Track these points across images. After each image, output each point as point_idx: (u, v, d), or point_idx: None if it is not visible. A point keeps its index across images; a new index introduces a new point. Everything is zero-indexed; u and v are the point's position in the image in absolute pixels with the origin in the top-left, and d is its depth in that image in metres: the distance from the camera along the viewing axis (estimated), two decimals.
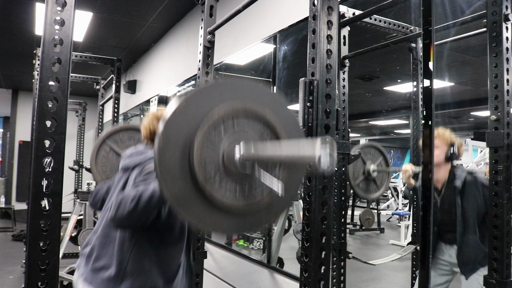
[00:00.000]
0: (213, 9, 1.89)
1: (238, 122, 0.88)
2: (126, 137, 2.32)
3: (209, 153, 0.85)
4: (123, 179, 1.54)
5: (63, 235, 3.31)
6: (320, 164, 0.67)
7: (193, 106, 0.84)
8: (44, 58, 0.94)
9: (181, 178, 0.82)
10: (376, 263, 2.63)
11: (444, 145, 2.15)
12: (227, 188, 0.86)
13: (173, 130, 0.82)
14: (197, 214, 0.84)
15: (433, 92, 1.41)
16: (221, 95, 0.87)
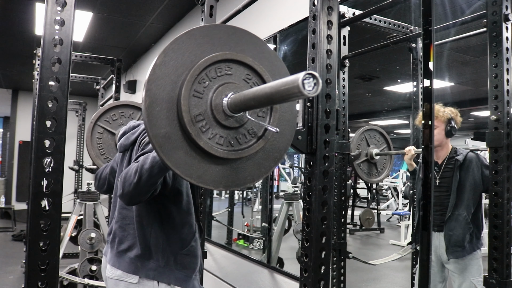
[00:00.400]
0: (213, 9, 1.89)
1: (221, 70, 0.88)
2: (117, 115, 2.29)
3: (197, 104, 0.85)
4: (125, 159, 1.56)
5: (63, 235, 3.31)
6: (304, 88, 0.67)
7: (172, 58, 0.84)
8: (44, 58, 0.94)
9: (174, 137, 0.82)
10: (376, 263, 2.63)
11: (442, 122, 2.17)
12: (215, 133, 0.87)
13: (157, 87, 0.82)
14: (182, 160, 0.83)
15: (433, 92, 1.41)
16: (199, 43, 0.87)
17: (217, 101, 0.86)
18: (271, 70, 0.95)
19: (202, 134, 0.84)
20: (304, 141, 1.01)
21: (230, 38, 0.91)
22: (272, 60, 0.97)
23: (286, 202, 3.70)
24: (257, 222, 5.79)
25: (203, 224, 2.03)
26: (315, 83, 0.68)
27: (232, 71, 0.90)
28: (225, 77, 0.89)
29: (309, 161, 1.02)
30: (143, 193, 1.28)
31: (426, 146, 1.42)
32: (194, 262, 1.53)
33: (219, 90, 0.87)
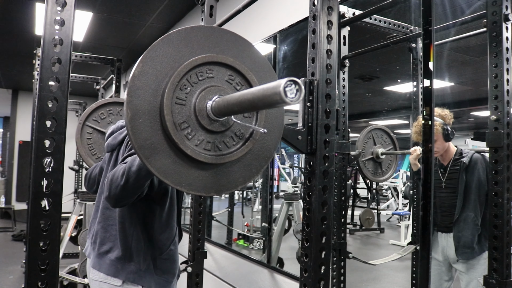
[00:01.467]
0: (213, 9, 1.89)
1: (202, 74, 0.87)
2: (106, 113, 2.27)
3: (181, 113, 0.83)
4: (112, 159, 1.54)
5: (63, 235, 3.31)
6: (286, 96, 0.66)
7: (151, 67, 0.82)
8: (44, 58, 0.94)
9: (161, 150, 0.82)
10: (376, 263, 2.62)
11: (438, 133, 2.18)
12: (200, 139, 0.85)
13: (137, 98, 0.80)
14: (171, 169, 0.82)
15: (433, 92, 1.41)
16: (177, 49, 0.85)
17: (201, 106, 0.85)
18: (254, 68, 0.94)
19: (188, 141, 0.83)
20: (304, 141, 1.01)
21: (208, 40, 0.90)
22: (254, 57, 0.96)
23: (286, 202, 3.71)
24: (257, 222, 5.79)
25: (203, 226, 2.03)
26: (298, 90, 0.67)
27: (214, 74, 0.88)
28: (207, 81, 0.87)
29: (309, 161, 1.02)
30: (130, 195, 1.26)
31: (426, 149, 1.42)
32: (173, 267, 1.52)
33: (202, 95, 0.85)
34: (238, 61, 0.91)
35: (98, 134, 2.25)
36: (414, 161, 2.37)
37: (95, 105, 2.26)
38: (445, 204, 2.21)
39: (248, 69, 0.92)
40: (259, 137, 0.93)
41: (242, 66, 0.91)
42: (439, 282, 2.27)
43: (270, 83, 0.70)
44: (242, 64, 0.91)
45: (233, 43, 0.93)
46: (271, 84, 0.69)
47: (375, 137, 2.62)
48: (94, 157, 2.26)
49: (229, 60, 0.90)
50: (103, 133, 2.24)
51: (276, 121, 0.97)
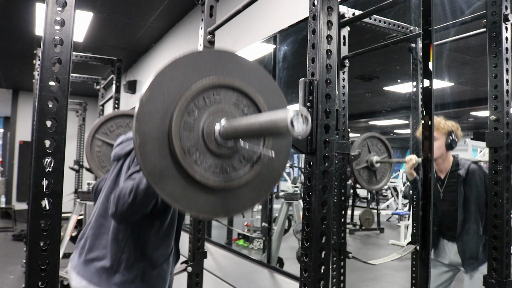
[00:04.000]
0: (213, 9, 1.90)
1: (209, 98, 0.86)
2: (115, 125, 2.28)
3: (189, 138, 0.83)
4: (116, 168, 1.52)
5: (63, 235, 3.31)
6: (293, 128, 0.66)
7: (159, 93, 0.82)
8: (44, 58, 0.94)
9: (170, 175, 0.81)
10: (376, 263, 2.63)
11: (442, 135, 2.17)
12: (210, 165, 0.85)
13: (146, 125, 0.80)
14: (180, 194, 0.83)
15: (432, 92, 1.41)
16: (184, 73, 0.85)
17: (209, 131, 0.85)
18: (261, 89, 0.93)
19: (197, 166, 0.83)
20: (304, 141, 1.01)
21: (215, 62, 0.89)
22: (261, 78, 0.95)
23: (286, 202, 3.71)
24: (257, 222, 5.79)
25: (203, 225, 2.03)
26: (304, 122, 0.67)
27: (221, 97, 0.88)
28: (214, 104, 0.87)
29: (309, 161, 1.02)
30: (136, 213, 1.26)
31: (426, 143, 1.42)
32: (161, 286, 1.48)
33: (210, 120, 0.85)
34: (245, 83, 0.90)
35: (108, 147, 2.27)
36: (410, 170, 2.36)
37: (104, 118, 2.27)
38: (446, 216, 2.21)
39: (255, 91, 0.91)
40: (267, 159, 0.93)
41: (249, 89, 0.90)
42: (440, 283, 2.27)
43: (278, 113, 0.70)
44: (249, 86, 0.90)
45: (239, 65, 0.93)
46: (278, 115, 0.70)
47: (370, 145, 2.62)
48: (104, 169, 2.27)
49: (236, 83, 0.89)
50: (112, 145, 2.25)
51: (284, 142, 0.96)
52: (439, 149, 2.16)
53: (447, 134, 2.16)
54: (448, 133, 2.16)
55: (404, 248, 2.49)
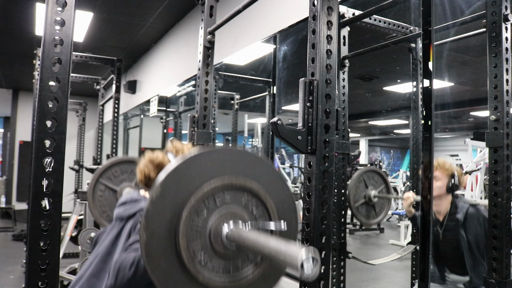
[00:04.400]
0: (213, 9, 1.90)
1: (220, 198, 0.86)
2: (119, 171, 2.29)
3: (196, 239, 0.83)
4: (116, 228, 1.50)
5: (63, 235, 3.31)
6: (303, 270, 0.66)
7: (170, 191, 0.82)
8: (44, 58, 0.94)
9: (173, 274, 0.82)
10: (376, 263, 2.63)
11: (445, 176, 2.15)
12: (214, 266, 0.85)
13: (154, 222, 0.80)
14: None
15: (432, 92, 1.41)
16: (197, 171, 0.85)
17: (216, 233, 0.85)
18: (271, 190, 0.93)
19: (201, 267, 0.83)
20: (304, 141, 1.01)
21: (228, 161, 0.89)
22: (272, 179, 0.95)
23: None
24: None
25: None
26: (314, 266, 0.67)
27: (231, 197, 0.88)
28: (224, 206, 0.87)
29: (309, 161, 1.02)
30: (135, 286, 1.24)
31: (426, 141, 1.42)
32: None
33: (218, 221, 0.85)
34: (255, 184, 0.90)
35: (110, 192, 2.28)
36: (408, 208, 2.36)
37: (110, 163, 2.28)
38: (449, 256, 2.19)
39: (265, 193, 0.91)
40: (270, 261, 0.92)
41: (260, 190, 0.90)
42: None
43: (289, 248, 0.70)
44: (260, 187, 0.90)
45: (251, 164, 0.92)
46: (290, 251, 0.69)
47: (366, 179, 2.61)
48: (104, 215, 2.27)
49: (247, 184, 0.89)
50: (114, 191, 2.27)
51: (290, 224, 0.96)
52: (440, 189, 2.14)
53: (450, 176, 2.14)
54: (451, 176, 2.14)
55: (404, 248, 2.49)
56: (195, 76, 2.90)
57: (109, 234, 1.52)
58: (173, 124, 5.93)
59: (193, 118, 1.88)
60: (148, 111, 5.56)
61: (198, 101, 1.89)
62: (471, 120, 9.43)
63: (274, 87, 3.18)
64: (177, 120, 5.66)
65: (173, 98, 5.91)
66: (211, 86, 1.89)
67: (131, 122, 7.55)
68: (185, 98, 5.75)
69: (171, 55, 4.90)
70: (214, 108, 4.10)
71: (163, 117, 6.06)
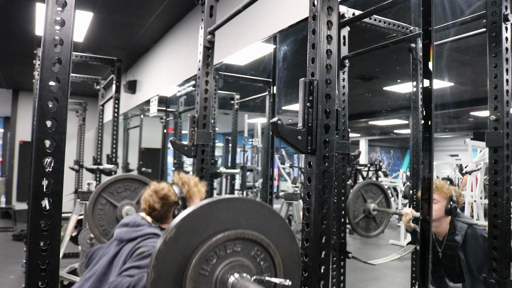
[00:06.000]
0: (213, 9, 1.90)
1: (230, 248, 0.88)
2: (122, 188, 2.30)
3: (202, 284, 0.84)
4: (114, 249, 1.50)
5: (63, 235, 3.31)
6: None
7: (184, 235, 0.83)
8: (44, 58, 0.94)
9: None
10: (376, 263, 2.63)
11: (444, 199, 2.16)
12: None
13: (164, 262, 0.81)
14: None
15: (432, 92, 1.41)
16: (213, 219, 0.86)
17: (223, 281, 0.86)
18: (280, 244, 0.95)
19: None
20: (304, 141, 1.01)
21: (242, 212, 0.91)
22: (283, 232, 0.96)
23: (286, 202, 3.70)
24: None
25: None
26: None
27: (241, 248, 0.90)
28: (233, 254, 0.88)
29: (309, 161, 1.02)
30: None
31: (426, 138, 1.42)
32: None
33: (226, 269, 0.87)
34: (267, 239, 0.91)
35: (110, 207, 2.29)
36: (408, 223, 2.37)
37: (114, 179, 2.30)
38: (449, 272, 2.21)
39: (275, 249, 0.92)
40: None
41: (271, 246, 0.92)
42: None
43: None
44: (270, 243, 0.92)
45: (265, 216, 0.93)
46: None
47: (364, 193, 2.60)
48: (101, 228, 2.27)
49: (260, 238, 0.91)
50: (115, 206, 2.27)
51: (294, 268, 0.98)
52: (438, 211, 2.16)
53: (449, 199, 2.15)
54: (450, 198, 2.15)
55: (404, 248, 2.49)
56: (195, 76, 2.90)
57: (106, 252, 1.51)
58: (173, 124, 5.93)
59: (193, 118, 1.88)
60: (148, 111, 5.56)
61: (198, 101, 1.89)
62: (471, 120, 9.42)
63: (274, 87, 3.18)
64: (177, 120, 5.66)
65: (173, 98, 5.91)
66: (211, 86, 1.89)
67: (131, 122, 7.55)
68: (185, 98, 5.75)
69: (171, 55, 4.90)
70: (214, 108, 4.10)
71: (163, 117, 6.06)
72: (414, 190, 2.61)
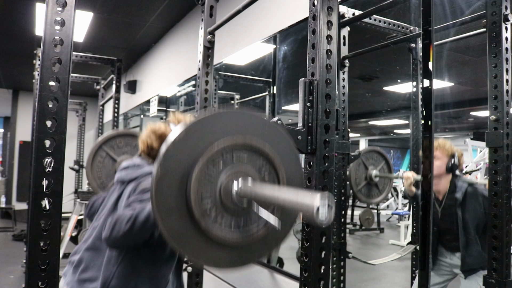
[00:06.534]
0: (213, 9, 1.90)
1: (237, 155, 0.88)
2: (123, 143, 2.30)
3: (206, 187, 0.84)
4: (116, 192, 1.52)
5: (63, 235, 3.32)
6: (318, 215, 0.67)
7: (193, 137, 0.84)
8: (44, 58, 0.94)
9: (177, 213, 0.82)
10: (376, 263, 2.63)
11: (445, 156, 2.17)
12: (223, 222, 0.86)
13: (171, 161, 0.81)
14: (193, 249, 0.84)
15: (432, 92, 1.41)
16: (222, 126, 0.87)
17: (227, 188, 0.86)
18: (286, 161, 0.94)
19: (207, 215, 0.84)
20: (304, 141, 1.01)
21: (250, 123, 0.91)
22: (289, 150, 0.96)
23: None
24: None
25: None
26: (329, 211, 0.68)
27: (247, 158, 0.89)
28: (239, 164, 0.88)
29: (309, 161, 1.03)
30: (129, 242, 1.27)
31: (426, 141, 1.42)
32: None
33: (231, 178, 0.86)
34: (273, 152, 0.91)
35: (110, 160, 2.28)
36: (409, 187, 2.37)
37: (116, 133, 2.30)
38: (445, 232, 2.21)
39: (280, 163, 0.92)
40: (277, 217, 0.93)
41: (276, 159, 0.91)
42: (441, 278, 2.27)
43: (304, 197, 0.71)
44: (276, 155, 0.92)
45: (273, 132, 0.93)
46: (305, 199, 0.70)
47: (364, 160, 2.61)
48: (99, 180, 2.27)
49: (267, 150, 0.90)
50: (114, 160, 2.27)
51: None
52: (439, 168, 2.16)
53: (450, 156, 2.16)
54: (451, 156, 2.16)
55: (404, 248, 2.49)
56: (195, 76, 2.90)
57: (110, 198, 1.54)
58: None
59: None
60: (148, 111, 5.56)
61: (198, 101, 1.89)
62: (471, 120, 9.42)
63: (274, 87, 3.19)
64: None
65: (173, 98, 5.91)
66: (211, 86, 1.89)
67: (131, 122, 7.55)
68: (185, 98, 5.75)
69: (171, 55, 4.90)
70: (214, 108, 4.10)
71: (163, 117, 6.06)
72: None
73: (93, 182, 2.25)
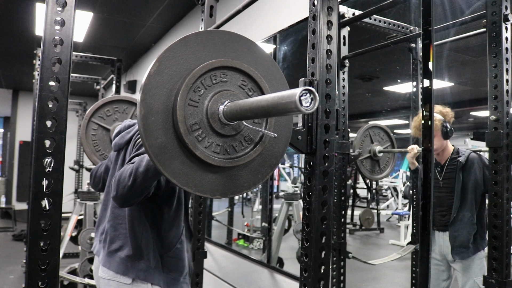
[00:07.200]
0: (213, 9, 1.90)
1: (218, 77, 0.88)
2: (112, 110, 2.27)
3: (192, 111, 0.84)
4: (120, 159, 1.55)
5: (63, 235, 3.32)
6: (301, 104, 0.67)
7: (167, 65, 0.83)
8: (44, 58, 0.94)
9: (170, 147, 0.82)
10: (376, 263, 2.63)
11: (437, 130, 2.19)
12: (212, 142, 0.86)
13: (152, 95, 0.81)
14: (179, 169, 0.83)
15: (432, 92, 1.41)
16: (195, 51, 0.87)
17: (213, 110, 0.86)
18: (266, 75, 0.95)
19: (198, 143, 0.84)
20: (304, 141, 1.01)
21: (225, 44, 0.91)
22: (268, 65, 0.97)
23: (286, 202, 3.71)
24: (257, 222, 5.79)
25: (203, 226, 2.03)
26: (312, 99, 0.68)
27: (228, 78, 0.89)
28: (221, 85, 0.88)
29: (309, 161, 1.03)
30: (137, 195, 1.28)
31: (426, 148, 1.42)
32: (180, 265, 1.52)
33: (215, 98, 0.86)
34: (252, 68, 0.92)
35: (103, 131, 2.26)
36: (412, 159, 2.37)
37: (101, 102, 2.26)
38: (443, 204, 2.23)
39: (261, 77, 0.92)
40: (268, 142, 0.94)
41: (256, 73, 0.92)
42: (437, 281, 2.27)
43: (285, 91, 0.71)
44: (256, 71, 0.92)
45: (248, 49, 0.94)
46: (286, 92, 0.70)
47: (372, 135, 2.63)
48: (98, 153, 2.26)
49: (244, 66, 0.90)
50: (107, 130, 2.25)
51: (285, 128, 0.97)
52: (437, 142, 2.19)
53: (441, 126, 2.19)
54: (442, 125, 2.18)
55: (404, 248, 2.49)
56: None
57: (115, 166, 1.58)
58: None
59: None
60: None
61: None
62: (471, 120, 9.42)
63: None
64: None
65: None
66: None
67: None
68: None
69: None
70: None
71: None
72: (414, 190, 2.61)
73: (92, 156, 2.24)
